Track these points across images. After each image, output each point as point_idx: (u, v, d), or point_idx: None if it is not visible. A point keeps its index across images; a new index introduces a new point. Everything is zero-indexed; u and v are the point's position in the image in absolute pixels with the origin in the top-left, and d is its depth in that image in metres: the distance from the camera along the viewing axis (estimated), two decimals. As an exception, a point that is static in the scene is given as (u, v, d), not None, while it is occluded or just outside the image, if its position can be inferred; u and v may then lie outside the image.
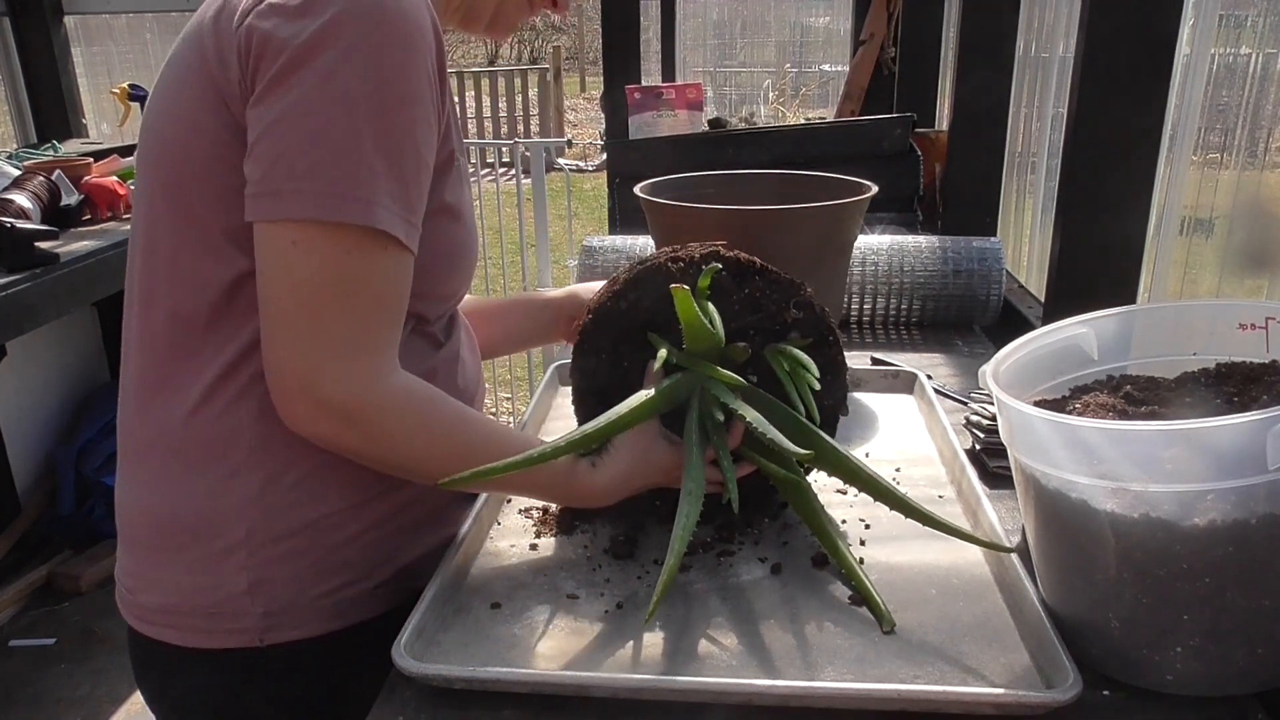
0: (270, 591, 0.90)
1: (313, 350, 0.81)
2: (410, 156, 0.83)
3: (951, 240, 1.75)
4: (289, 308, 0.81)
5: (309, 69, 0.79)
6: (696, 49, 6.13)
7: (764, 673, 0.79)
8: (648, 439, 0.96)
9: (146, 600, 0.93)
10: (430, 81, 0.84)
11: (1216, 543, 0.69)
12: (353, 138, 0.79)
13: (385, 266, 0.83)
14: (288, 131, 0.79)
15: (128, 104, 2.86)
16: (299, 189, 0.79)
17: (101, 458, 3.05)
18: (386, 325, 0.85)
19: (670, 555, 0.83)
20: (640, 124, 2.68)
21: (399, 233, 0.82)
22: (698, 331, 0.92)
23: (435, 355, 1.00)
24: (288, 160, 0.79)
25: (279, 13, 0.80)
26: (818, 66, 6.21)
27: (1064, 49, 2.23)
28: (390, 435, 0.85)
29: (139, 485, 0.94)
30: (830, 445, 0.95)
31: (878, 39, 3.42)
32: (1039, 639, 0.80)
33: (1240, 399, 0.81)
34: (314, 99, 0.79)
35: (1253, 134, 1.55)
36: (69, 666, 2.62)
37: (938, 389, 1.38)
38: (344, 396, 0.82)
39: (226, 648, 0.91)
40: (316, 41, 0.79)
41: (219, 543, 0.89)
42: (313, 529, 0.91)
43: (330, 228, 0.80)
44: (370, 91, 0.80)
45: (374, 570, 0.95)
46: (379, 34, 0.80)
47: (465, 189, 0.97)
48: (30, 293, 2.15)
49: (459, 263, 0.97)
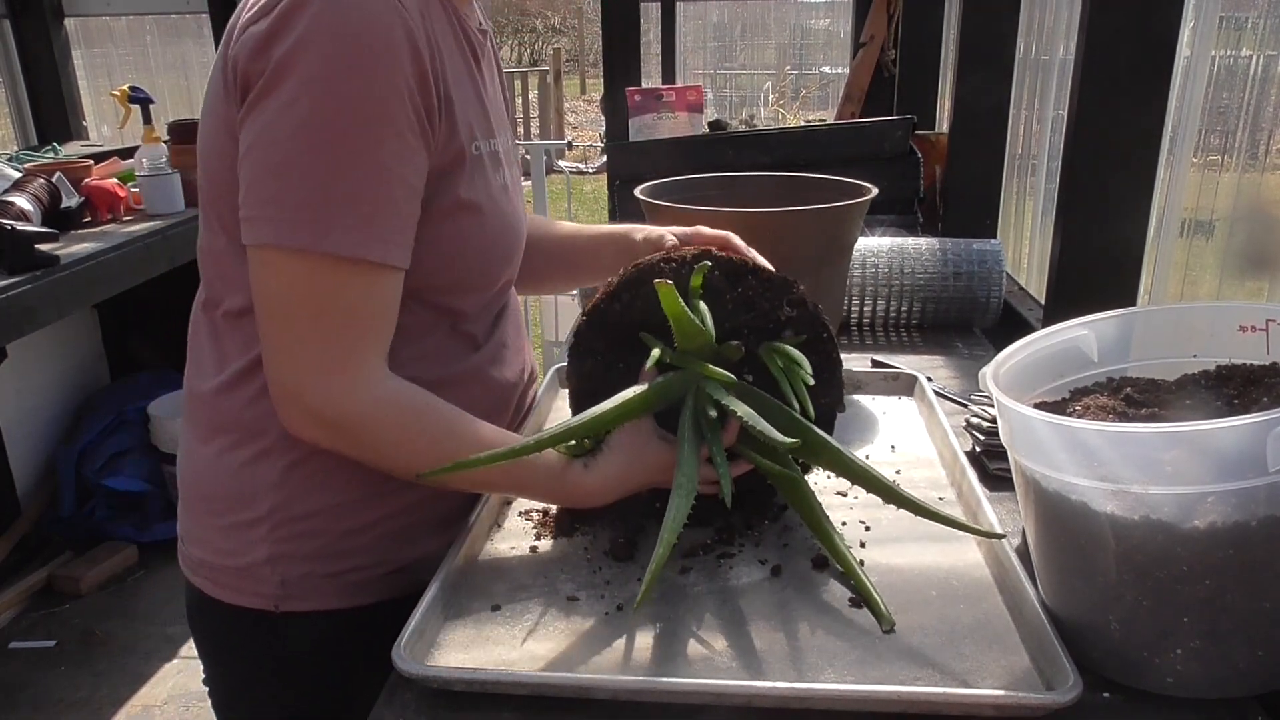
0: (287, 565, 0.97)
1: (293, 365, 0.87)
2: (377, 177, 0.84)
3: (952, 242, 1.75)
4: (268, 325, 0.88)
5: (273, 97, 0.82)
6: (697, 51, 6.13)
7: (764, 674, 0.79)
8: (642, 438, 0.96)
9: (190, 551, 1.03)
10: (405, 94, 0.84)
11: (1217, 545, 0.69)
12: (311, 165, 0.82)
13: (354, 285, 0.86)
14: (255, 160, 0.84)
15: (128, 106, 2.85)
16: (262, 215, 0.84)
17: (102, 459, 3.05)
18: (364, 339, 0.88)
19: (660, 545, 0.83)
20: (640, 126, 2.68)
21: (363, 254, 0.84)
22: (685, 327, 0.92)
23: (471, 357, 1.03)
24: (255, 188, 0.84)
25: (253, 40, 0.84)
26: (818, 69, 6.21)
27: (1064, 51, 2.23)
28: (376, 444, 0.90)
29: (191, 454, 1.02)
30: (823, 439, 0.95)
31: (878, 41, 3.42)
32: (1039, 641, 0.80)
33: (1240, 401, 0.81)
34: (276, 128, 0.83)
35: (1253, 136, 1.55)
36: (69, 669, 2.62)
37: (938, 391, 1.38)
38: (327, 408, 0.87)
39: (249, 607, 0.99)
40: (280, 68, 0.82)
41: (246, 514, 0.97)
42: (328, 514, 0.97)
43: (290, 252, 0.84)
44: (329, 117, 0.82)
45: (385, 557, 1.00)
46: (339, 58, 0.81)
47: (490, 181, 0.98)
48: (30, 295, 2.15)
49: (491, 254, 1.00)
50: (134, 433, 3.14)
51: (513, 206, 1.04)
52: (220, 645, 1.06)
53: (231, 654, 1.05)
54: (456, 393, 0.99)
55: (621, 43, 3.07)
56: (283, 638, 1.00)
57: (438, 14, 0.93)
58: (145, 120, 2.75)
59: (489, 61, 1.05)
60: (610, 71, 3.06)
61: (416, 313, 0.96)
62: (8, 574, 2.90)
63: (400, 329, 0.93)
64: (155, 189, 2.69)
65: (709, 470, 0.93)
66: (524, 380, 1.14)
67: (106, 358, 3.46)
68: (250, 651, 1.03)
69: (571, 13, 17.33)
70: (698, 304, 0.95)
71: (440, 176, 0.91)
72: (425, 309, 0.97)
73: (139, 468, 3.11)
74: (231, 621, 1.00)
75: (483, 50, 1.02)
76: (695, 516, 0.99)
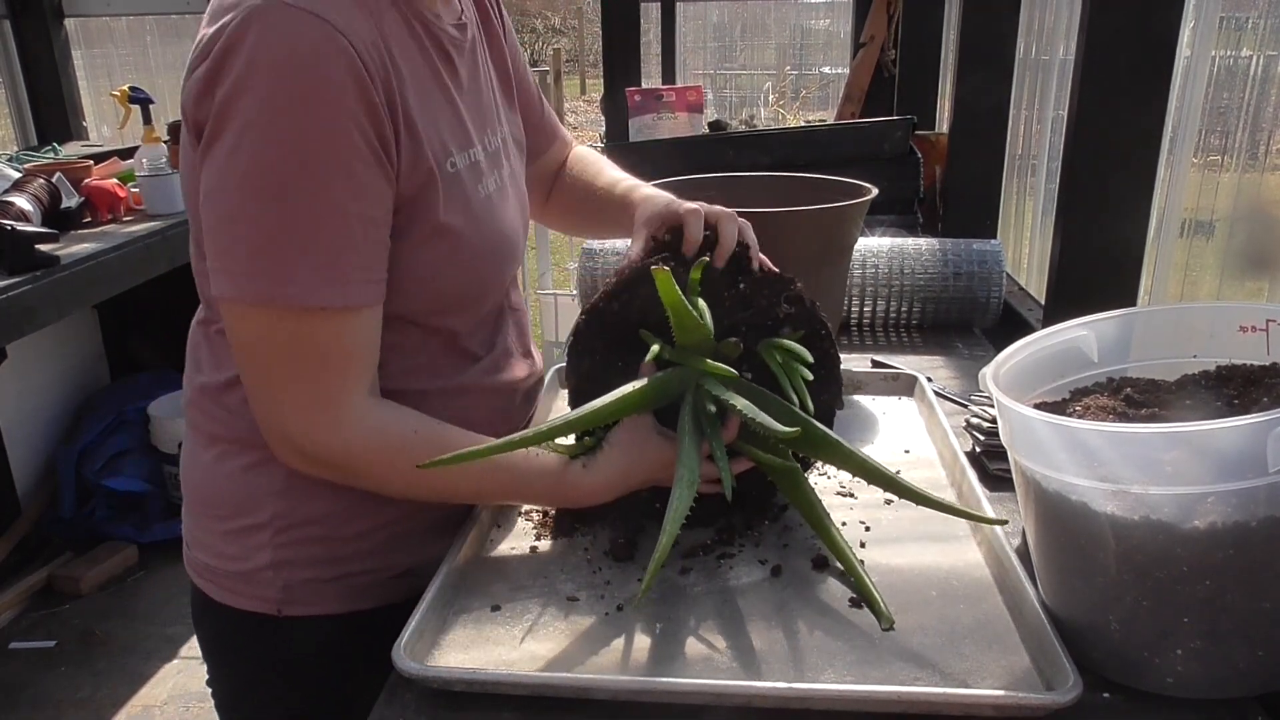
0: (290, 570, 0.98)
1: (276, 408, 0.88)
2: (329, 219, 0.82)
3: (952, 243, 1.75)
4: (246, 371, 0.88)
5: (219, 144, 0.81)
6: (697, 51, 6.13)
7: (764, 674, 0.79)
8: (642, 435, 0.96)
9: (195, 555, 1.03)
10: (352, 128, 0.81)
11: (1217, 545, 0.69)
12: (260, 215, 0.81)
13: (323, 330, 0.85)
14: (210, 209, 0.84)
15: (128, 106, 2.86)
16: (222, 268, 0.84)
17: (102, 460, 3.05)
18: (343, 378, 0.87)
19: (663, 535, 0.83)
20: (640, 126, 2.68)
21: (322, 302, 0.83)
22: (683, 317, 0.91)
23: (470, 369, 1.02)
24: (213, 237, 0.84)
25: (195, 85, 0.83)
26: (818, 69, 6.21)
27: (1064, 51, 2.23)
28: (366, 476, 0.91)
29: (194, 458, 1.02)
30: (822, 431, 0.95)
31: (878, 41, 3.42)
32: (1039, 641, 0.80)
33: (1241, 401, 0.81)
34: (225, 176, 0.82)
35: (1253, 136, 1.55)
36: (69, 669, 2.62)
37: (938, 391, 1.38)
38: (313, 447, 0.88)
39: (253, 610, 0.99)
40: (221, 115, 0.81)
41: (249, 520, 0.97)
42: (331, 520, 0.97)
43: (252, 305, 0.83)
44: (273, 164, 0.80)
45: (388, 562, 1.01)
46: (276, 101, 0.79)
47: (471, 197, 0.95)
48: (30, 295, 2.15)
49: (476, 275, 0.98)
50: (134, 433, 3.14)
51: (501, 216, 1.00)
52: (224, 647, 1.07)
53: (235, 655, 1.06)
54: (457, 402, 0.99)
55: (621, 43, 3.07)
56: (286, 641, 1.00)
57: (394, 23, 0.89)
58: (145, 120, 2.75)
59: (471, 57, 1.00)
60: (610, 72, 3.06)
61: (407, 332, 0.95)
62: (8, 574, 2.90)
63: (392, 347, 0.93)
64: (155, 189, 2.69)
65: (710, 468, 0.93)
66: (531, 383, 1.13)
67: (106, 358, 3.46)
68: (254, 653, 1.03)
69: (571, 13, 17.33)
70: (696, 300, 0.95)
71: (411, 202, 0.89)
72: (415, 328, 0.96)
73: (139, 468, 3.11)
74: (235, 624, 1.01)
75: (460, 47, 0.98)
76: (696, 517, 0.99)
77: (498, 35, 1.10)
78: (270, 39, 0.79)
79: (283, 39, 0.79)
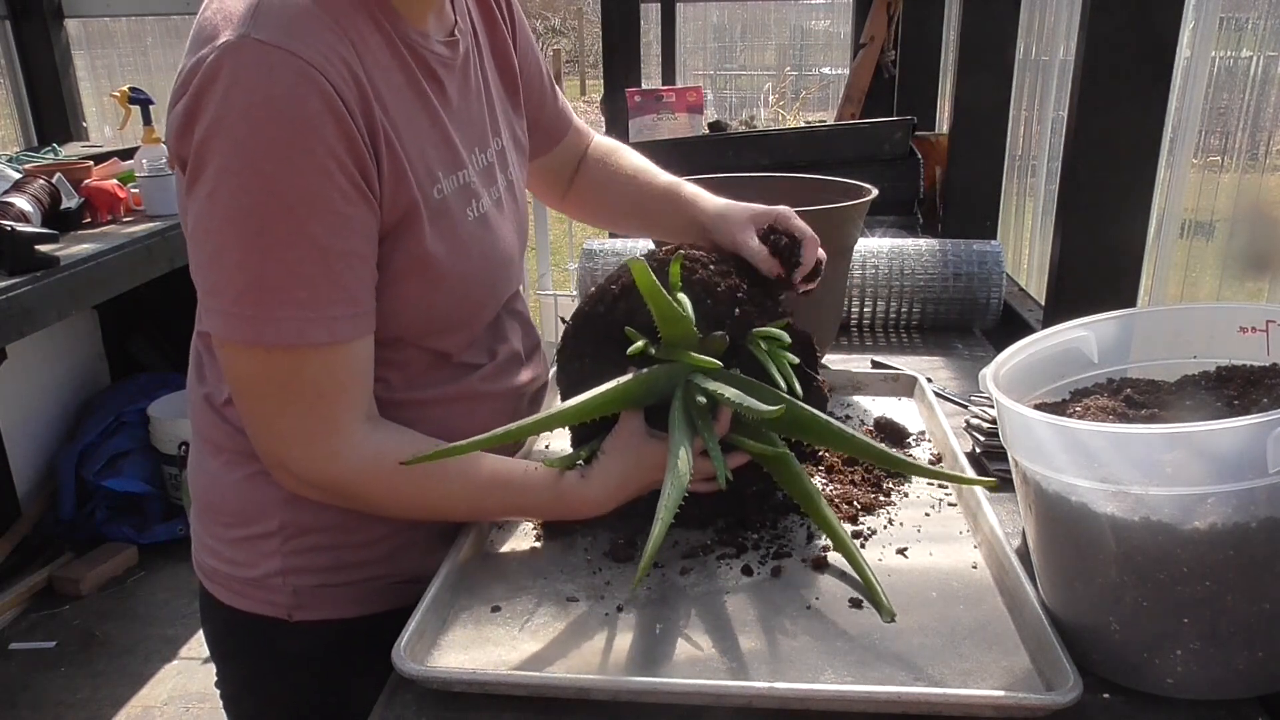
0: (299, 576, 0.98)
1: (272, 440, 0.88)
2: (309, 257, 0.82)
3: (952, 243, 1.75)
4: (242, 405, 0.89)
5: (200, 184, 0.81)
6: (697, 52, 6.14)
7: (764, 675, 0.79)
8: (637, 439, 0.96)
9: (204, 558, 1.04)
10: (331, 164, 0.81)
11: (1217, 546, 0.69)
12: (242, 257, 0.81)
13: (311, 365, 0.85)
14: (194, 250, 0.85)
15: (128, 107, 2.86)
16: (210, 306, 0.84)
17: (102, 461, 3.05)
18: (336, 409, 0.87)
19: (656, 524, 0.83)
20: (640, 127, 2.68)
21: (307, 340, 0.83)
22: (661, 307, 0.91)
23: (471, 377, 1.02)
24: (199, 274, 0.85)
25: (175, 121, 0.82)
26: (818, 70, 6.22)
27: (1064, 52, 2.23)
28: (364, 500, 0.93)
29: (200, 465, 1.02)
30: (810, 413, 0.95)
31: (878, 42, 3.43)
32: (1039, 642, 0.80)
33: (1241, 402, 0.81)
34: (207, 217, 0.82)
35: (1253, 137, 1.55)
36: (69, 670, 2.62)
37: (938, 392, 1.38)
38: (312, 475, 0.89)
39: (262, 614, 1.00)
40: (199, 155, 0.80)
41: (258, 528, 0.98)
42: (339, 528, 0.97)
43: (239, 345, 0.84)
44: (250, 206, 0.80)
45: (397, 568, 1.01)
46: (252, 141, 0.79)
47: (459, 222, 0.94)
48: (30, 296, 2.15)
49: (468, 299, 0.98)
50: (134, 434, 3.14)
51: (495, 236, 0.99)
52: (233, 648, 1.07)
53: (244, 655, 1.06)
54: (462, 408, 1.00)
55: (621, 44, 3.07)
56: (296, 643, 1.01)
57: (377, 48, 0.87)
58: (145, 121, 2.76)
59: (462, 73, 0.98)
60: (610, 72, 3.06)
61: (404, 351, 0.95)
62: (8, 575, 2.90)
63: (391, 363, 0.94)
64: (155, 190, 2.69)
65: (705, 464, 0.93)
66: (537, 386, 1.13)
67: (106, 359, 3.46)
68: (263, 654, 1.04)
69: (571, 14, 17.34)
70: (677, 295, 0.95)
71: (396, 229, 0.88)
72: (411, 349, 0.96)
73: (139, 469, 3.10)
74: (245, 625, 1.01)
75: (449, 66, 0.96)
76: (695, 518, 0.99)
77: (503, 35, 1.08)
78: (245, 78, 0.78)
79: (257, 79, 0.78)
